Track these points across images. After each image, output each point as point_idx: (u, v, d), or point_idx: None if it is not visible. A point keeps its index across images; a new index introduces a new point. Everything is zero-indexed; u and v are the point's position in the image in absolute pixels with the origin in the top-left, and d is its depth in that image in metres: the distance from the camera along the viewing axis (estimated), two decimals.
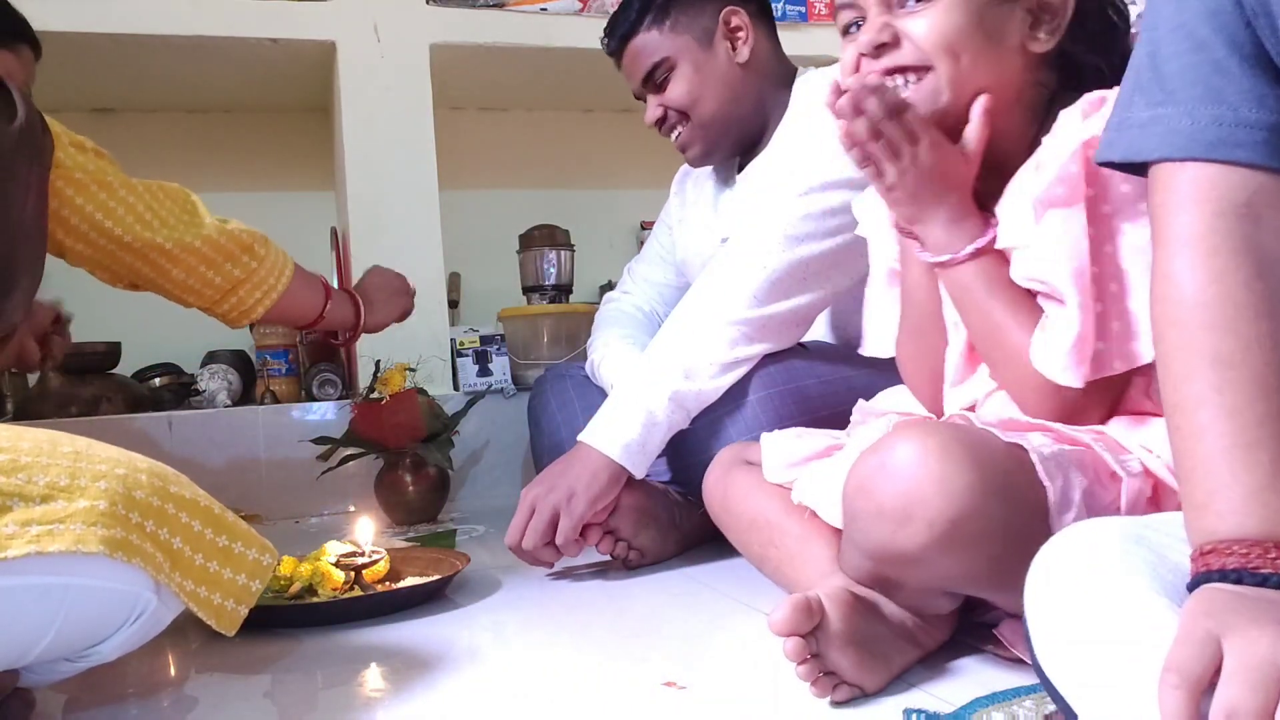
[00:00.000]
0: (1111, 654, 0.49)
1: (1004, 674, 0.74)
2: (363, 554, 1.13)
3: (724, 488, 1.02)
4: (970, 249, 0.80)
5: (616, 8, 1.41)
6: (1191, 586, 0.50)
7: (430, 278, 1.96)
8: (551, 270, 2.17)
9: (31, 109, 0.99)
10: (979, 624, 0.82)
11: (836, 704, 0.71)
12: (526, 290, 2.20)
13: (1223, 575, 0.48)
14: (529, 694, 0.79)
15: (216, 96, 2.21)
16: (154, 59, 1.92)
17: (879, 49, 0.82)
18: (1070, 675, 0.52)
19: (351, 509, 1.86)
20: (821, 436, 0.96)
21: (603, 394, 1.33)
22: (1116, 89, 0.71)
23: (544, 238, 2.18)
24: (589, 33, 1.92)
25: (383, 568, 1.13)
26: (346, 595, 1.08)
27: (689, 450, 1.25)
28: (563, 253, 2.18)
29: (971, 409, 0.85)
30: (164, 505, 0.71)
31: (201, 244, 1.22)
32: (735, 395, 1.21)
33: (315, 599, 1.07)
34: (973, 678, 0.74)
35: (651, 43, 1.35)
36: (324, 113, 2.26)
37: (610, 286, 2.08)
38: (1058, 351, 0.74)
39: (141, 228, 1.16)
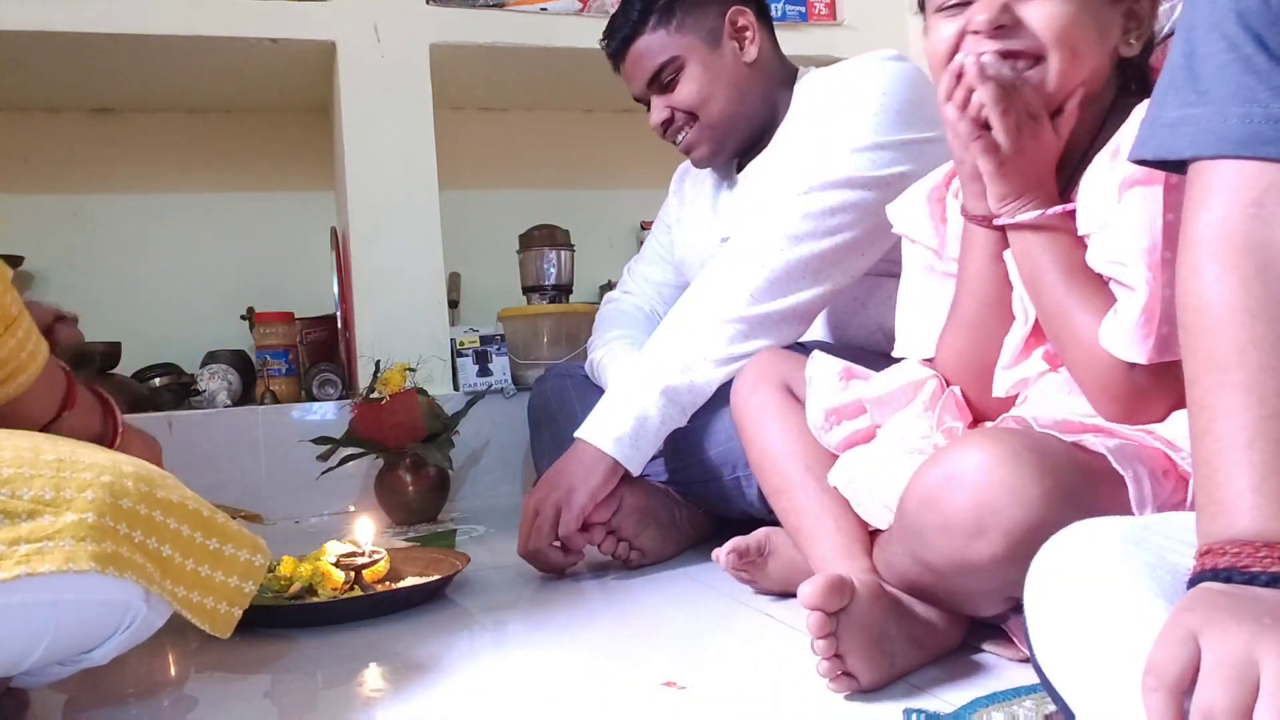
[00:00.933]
0: (1109, 656, 0.49)
1: (1004, 674, 0.74)
2: (363, 554, 1.13)
3: (759, 404, 0.99)
4: (1058, 209, 0.79)
5: (615, 9, 1.40)
6: (1189, 587, 0.50)
7: (430, 278, 1.96)
8: (551, 270, 2.17)
9: None
10: (979, 624, 0.82)
11: (836, 692, 0.71)
12: (526, 290, 2.20)
13: (1214, 575, 0.48)
14: (529, 694, 0.79)
15: (216, 96, 2.20)
16: (154, 59, 1.92)
17: (998, 30, 0.80)
18: (1069, 676, 0.52)
19: (351, 509, 1.86)
20: (863, 389, 0.93)
21: (602, 394, 1.33)
22: None
23: (544, 238, 2.18)
24: (589, 33, 1.92)
25: (383, 568, 1.13)
26: (346, 595, 1.08)
27: (686, 450, 1.25)
28: (563, 253, 2.18)
29: (1015, 397, 0.85)
30: (151, 512, 0.70)
31: None
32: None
33: (315, 599, 1.07)
34: (973, 678, 0.74)
35: (657, 43, 1.34)
36: (324, 113, 2.26)
37: (610, 286, 2.08)
38: (1125, 326, 0.73)
39: None
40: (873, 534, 0.88)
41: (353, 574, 1.11)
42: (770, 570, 1.01)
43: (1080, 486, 0.68)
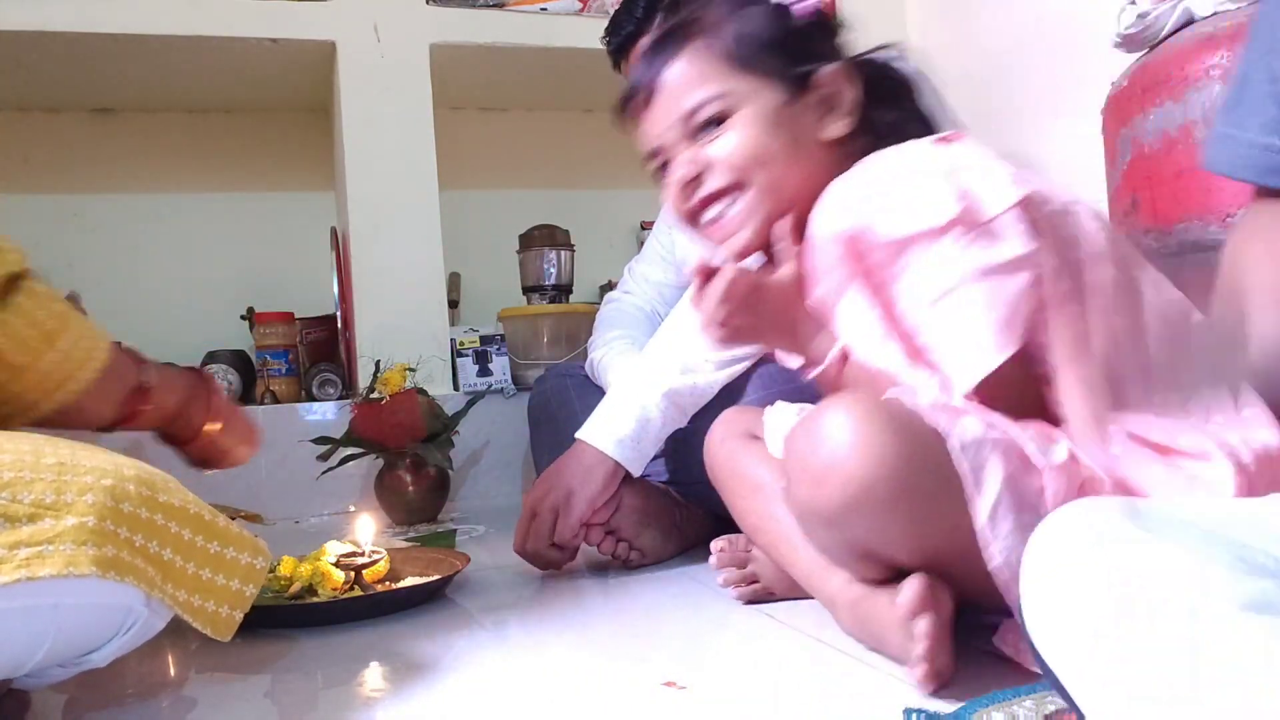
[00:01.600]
0: (1101, 598, 0.49)
1: (1004, 674, 0.74)
2: (363, 554, 1.13)
3: (727, 452, 1.03)
4: (826, 360, 0.84)
5: (619, 6, 1.40)
6: None
7: (430, 278, 1.96)
8: (551, 270, 2.17)
9: None
10: (979, 624, 0.82)
11: (932, 689, 0.71)
12: (526, 290, 2.20)
13: None
14: (529, 694, 0.79)
15: (216, 96, 2.21)
16: (154, 59, 1.92)
17: (690, 184, 0.87)
18: (1064, 641, 0.51)
19: (351, 509, 1.86)
20: None
21: (602, 394, 1.33)
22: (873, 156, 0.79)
23: (544, 238, 2.18)
24: (589, 33, 1.92)
25: (383, 568, 1.13)
26: (346, 595, 1.08)
27: (687, 451, 1.25)
28: (563, 253, 2.18)
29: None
30: (153, 516, 0.70)
31: None
32: (733, 394, 1.21)
33: (315, 599, 1.07)
34: (973, 678, 0.74)
35: None
36: (324, 113, 2.26)
37: (610, 286, 2.08)
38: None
39: None
40: None
41: (353, 574, 1.10)
42: (760, 574, 1.01)
43: (930, 456, 0.70)
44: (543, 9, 2.03)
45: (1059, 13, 1.81)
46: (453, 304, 2.19)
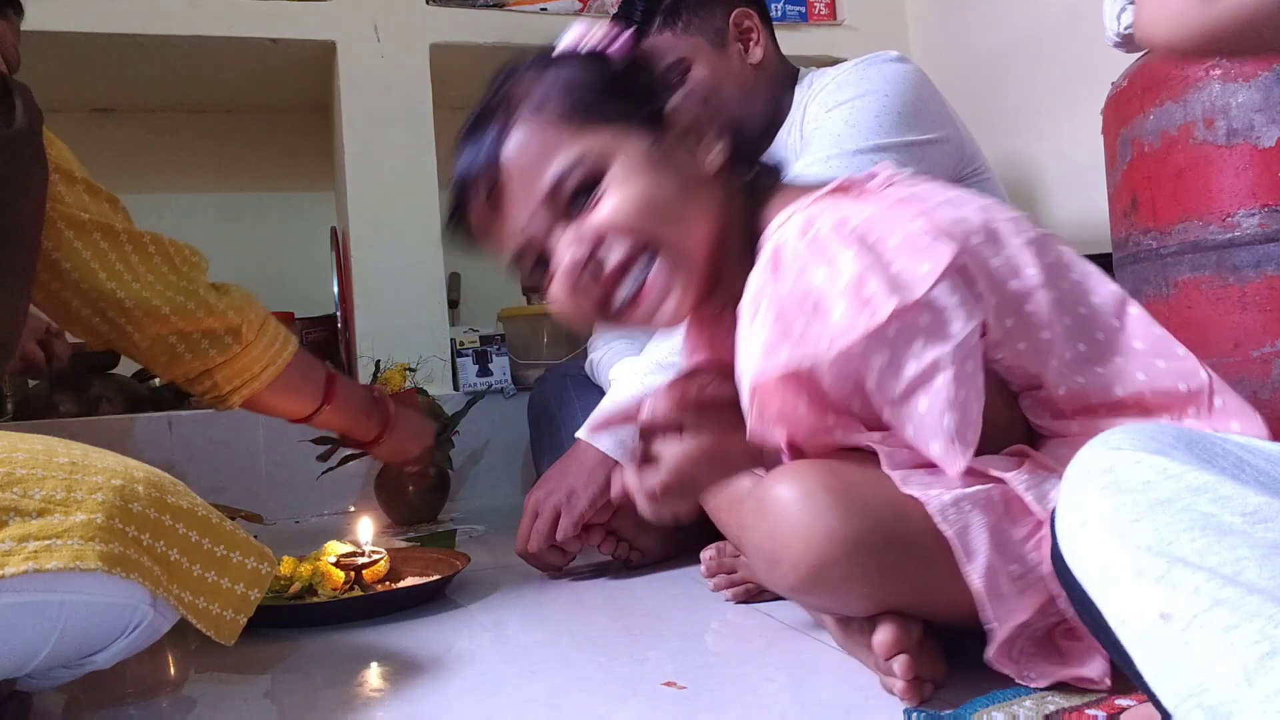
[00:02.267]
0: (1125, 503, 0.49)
1: (1004, 675, 0.74)
2: (363, 554, 1.13)
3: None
4: (783, 460, 0.74)
5: (617, 10, 1.40)
6: None
7: (430, 278, 1.96)
8: None
9: (33, 113, 0.94)
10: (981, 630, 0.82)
11: (924, 704, 0.70)
12: (526, 290, 2.20)
13: None
14: (529, 694, 0.79)
15: (216, 96, 2.21)
16: (154, 59, 1.92)
17: (585, 266, 0.73)
18: (1087, 549, 0.51)
19: (351, 509, 1.86)
20: None
21: (602, 394, 1.33)
22: (771, 244, 0.68)
23: None
24: None
25: (383, 568, 1.13)
26: (346, 595, 1.08)
27: None
28: None
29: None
30: (161, 517, 0.70)
31: (172, 312, 1.05)
32: None
33: (315, 599, 1.07)
34: (973, 678, 0.74)
35: (664, 44, 1.34)
36: (324, 113, 2.26)
37: None
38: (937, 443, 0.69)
39: (107, 277, 1.00)
40: None
41: (353, 574, 1.11)
42: (750, 576, 1.01)
43: (886, 534, 0.67)
44: (543, 9, 2.03)
45: (1058, 13, 1.81)
46: (453, 304, 2.19)
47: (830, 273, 0.65)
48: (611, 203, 0.73)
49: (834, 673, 0.78)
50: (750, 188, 0.78)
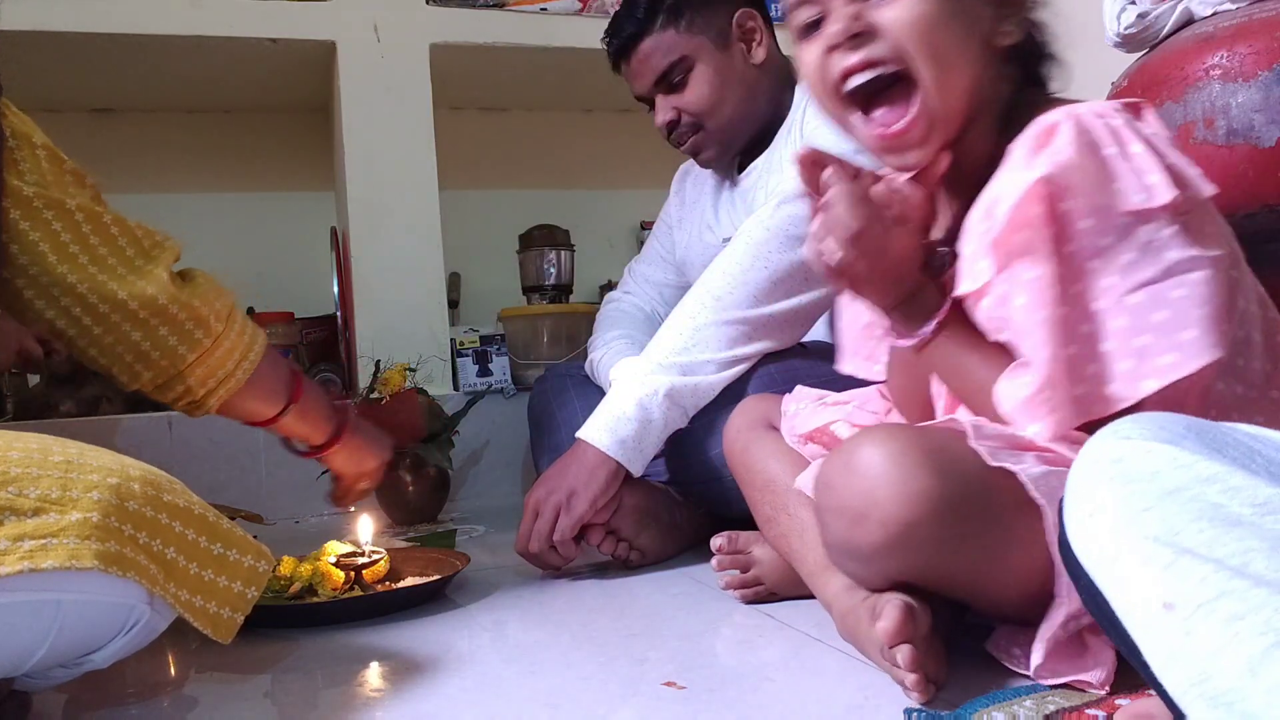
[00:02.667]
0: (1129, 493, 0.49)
1: (1004, 674, 0.74)
2: (363, 554, 1.13)
3: (744, 443, 1.02)
4: (932, 325, 0.77)
5: (618, 9, 1.40)
6: None
7: (430, 278, 1.96)
8: (551, 270, 2.17)
9: None
10: (979, 625, 0.82)
11: (925, 704, 0.70)
12: (526, 290, 2.20)
13: None
14: (529, 694, 0.79)
15: (216, 96, 2.21)
16: (154, 59, 1.92)
17: (854, 39, 0.76)
18: (1094, 536, 0.51)
19: (352, 509, 1.85)
20: (834, 411, 0.95)
21: (602, 394, 1.33)
22: (1066, 111, 0.71)
23: (544, 238, 2.18)
24: (589, 33, 1.92)
25: (383, 568, 1.13)
26: (346, 595, 1.08)
27: (687, 451, 1.25)
28: (563, 253, 2.18)
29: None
30: (157, 515, 0.70)
31: (130, 297, 0.90)
32: (734, 394, 1.21)
33: (315, 599, 1.07)
34: (973, 678, 0.74)
35: (667, 42, 1.34)
36: (324, 113, 2.26)
37: (610, 286, 2.08)
38: (1025, 402, 0.71)
39: (57, 260, 0.86)
40: None
41: (353, 574, 1.11)
42: (763, 577, 1.01)
43: (974, 499, 0.68)
44: (542, 9, 2.02)
45: (1058, 12, 1.81)
46: (453, 304, 2.19)
47: (1121, 152, 0.69)
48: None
49: (834, 673, 0.78)
50: (1022, 80, 0.82)
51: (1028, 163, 0.72)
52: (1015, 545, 0.69)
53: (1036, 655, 0.69)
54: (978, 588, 0.73)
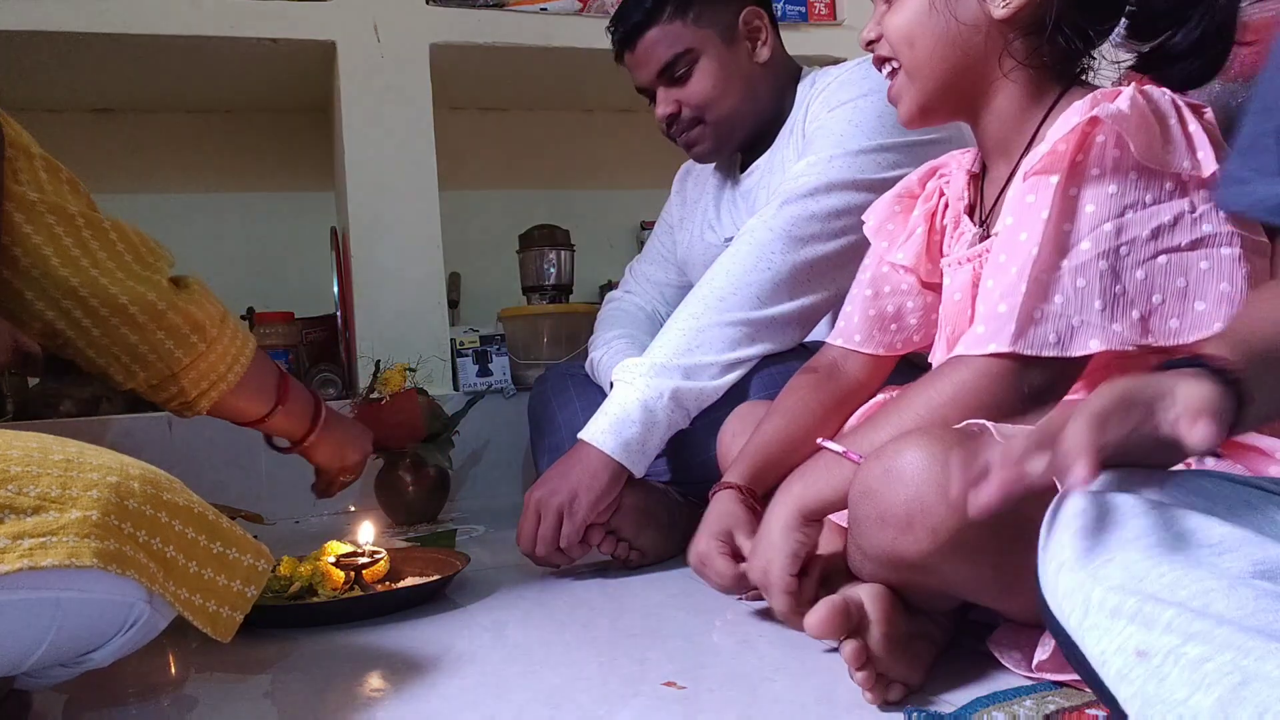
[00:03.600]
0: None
1: (1004, 674, 0.74)
2: (363, 554, 1.13)
3: (739, 447, 1.03)
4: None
5: (620, 2, 1.39)
6: None
7: (430, 278, 1.96)
8: (551, 270, 2.17)
9: None
10: (979, 624, 0.82)
11: (890, 704, 0.70)
12: (526, 290, 2.20)
13: None
14: (529, 694, 0.79)
15: (216, 96, 2.20)
16: (154, 59, 1.92)
17: (870, 45, 0.92)
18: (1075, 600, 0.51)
19: (352, 509, 1.86)
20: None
21: (603, 394, 1.33)
22: (1131, 86, 0.75)
23: (544, 238, 2.18)
24: (589, 33, 1.92)
25: (383, 568, 1.13)
26: (346, 595, 1.08)
27: (689, 450, 1.25)
28: (563, 253, 2.18)
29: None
30: (157, 514, 0.70)
31: (130, 302, 0.95)
32: (736, 395, 1.21)
33: (315, 599, 1.07)
34: (973, 678, 0.74)
35: (674, 33, 1.33)
36: (324, 113, 2.26)
37: (610, 286, 2.08)
38: (991, 318, 0.75)
39: (60, 264, 0.90)
40: None
41: (353, 574, 1.11)
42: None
43: (1021, 502, 0.68)
44: (542, 9, 2.02)
45: None
46: (453, 304, 2.19)
47: (1179, 123, 0.75)
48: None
49: (835, 673, 0.78)
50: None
51: (1078, 112, 0.75)
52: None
53: (1042, 652, 0.69)
54: (1013, 592, 0.72)
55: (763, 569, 0.83)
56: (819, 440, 0.86)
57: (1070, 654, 0.52)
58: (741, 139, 1.39)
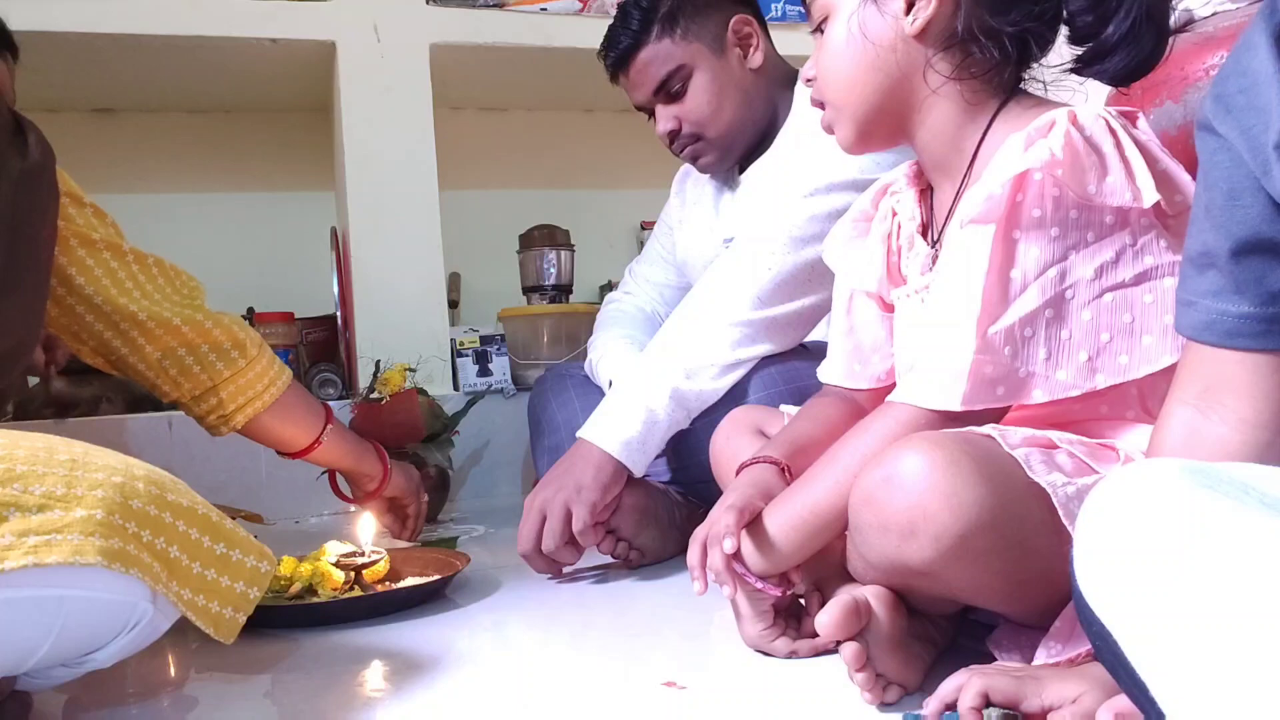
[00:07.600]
0: (1160, 560, 0.47)
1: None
2: (363, 554, 1.13)
3: (733, 450, 1.02)
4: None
5: (614, 20, 1.39)
6: None
7: (430, 278, 1.96)
8: (551, 270, 2.17)
9: (45, 146, 0.95)
10: (979, 624, 0.82)
11: (888, 705, 0.70)
12: (526, 290, 2.20)
13: None
14: (529, 694, 0.79)
15: (216, 96, 2.20)
16: (154, 59, 1.92)
17: (808, 81, 0.91)
18: (1115, 593, 0.50)
19: (352, 509, 1.86)
20: None
21: (602, 394, 1.33)
22: (1064, 110, 0.75)
23: (544, 238, 2.18)
24: (589, 33, 1.92)
25: (383, 568, 1.13)
26: (346, 595, 1.08)
27: (689, 450, 1.25)
28: (563, 253, 2.18)
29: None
30: (161, 514, 0.70)
31: (182, 323, 1.08)
32: (736, 396, 1.21)
33: (315, 599, 1.07)
34: None
35: (664, 51, 1.34)
36: (324, 113, 2.26)
37: (610, 286, 2.08)
38: (938, 372, 0.74)
39: (118, 293, 1.04)
40: None
41: (353, 574, 1.11)
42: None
43: (1017, 499, 0.67)
44: (542, 9, 2.02)
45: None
46: (453, 304, 2.19)
47: (1116, 151, 0.73)
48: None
49: (835, 672, 0.78)
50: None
51: (1022, 153, 0.74)
52: (1056, 556, 0.66)
53: (1043, 653, 0.69)
54: (1016, 597, 0.72)
55: (710, 524, 0.82)
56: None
57: (1104, 645, 0.50)
58: (744, 146, 1.39)
